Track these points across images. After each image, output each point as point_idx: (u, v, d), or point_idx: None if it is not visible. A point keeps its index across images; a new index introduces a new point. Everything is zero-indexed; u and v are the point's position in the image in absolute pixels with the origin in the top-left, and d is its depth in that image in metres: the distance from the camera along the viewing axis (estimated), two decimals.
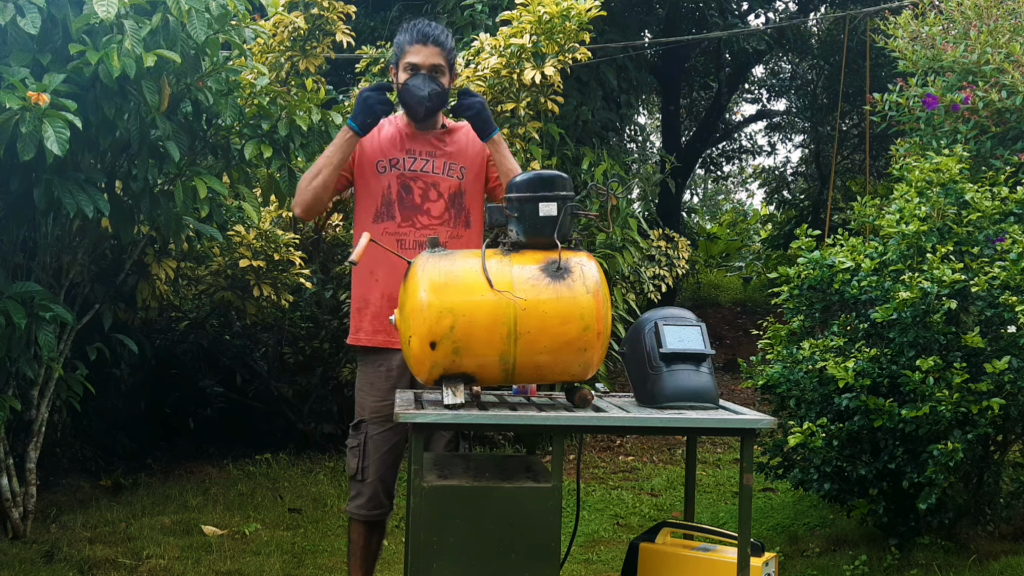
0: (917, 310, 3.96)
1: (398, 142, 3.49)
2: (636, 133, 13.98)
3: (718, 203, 22.32)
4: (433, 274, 2.77)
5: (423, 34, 3.42)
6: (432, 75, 3.42)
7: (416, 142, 3.49)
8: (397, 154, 3.47)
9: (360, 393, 3.51)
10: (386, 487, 3.50)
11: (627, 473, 6.63)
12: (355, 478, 3.49)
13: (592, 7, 5.82)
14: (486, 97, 5.90)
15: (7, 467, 4.72)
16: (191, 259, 5.98)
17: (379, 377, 3.46)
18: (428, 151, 3.48)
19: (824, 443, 4.09)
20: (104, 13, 3.63)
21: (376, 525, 3.54)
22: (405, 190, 3.44)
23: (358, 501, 3.50)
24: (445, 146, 3.50)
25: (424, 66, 3.41)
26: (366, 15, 9.59)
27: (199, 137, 4.69)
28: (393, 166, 3.46)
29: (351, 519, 3.55)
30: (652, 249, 7.95)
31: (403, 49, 3.45)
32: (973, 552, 4.31)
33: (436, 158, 3.48)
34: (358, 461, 3.46)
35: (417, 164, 3.46)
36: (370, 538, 3.54)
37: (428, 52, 3.41)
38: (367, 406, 3.47)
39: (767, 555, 3.04)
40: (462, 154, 3.51)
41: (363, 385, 3.50)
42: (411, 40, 3.42)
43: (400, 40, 3.47)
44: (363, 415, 3.48)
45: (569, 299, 2.74)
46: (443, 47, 3.44)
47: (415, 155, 3.47)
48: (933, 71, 5.06)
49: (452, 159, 3.49)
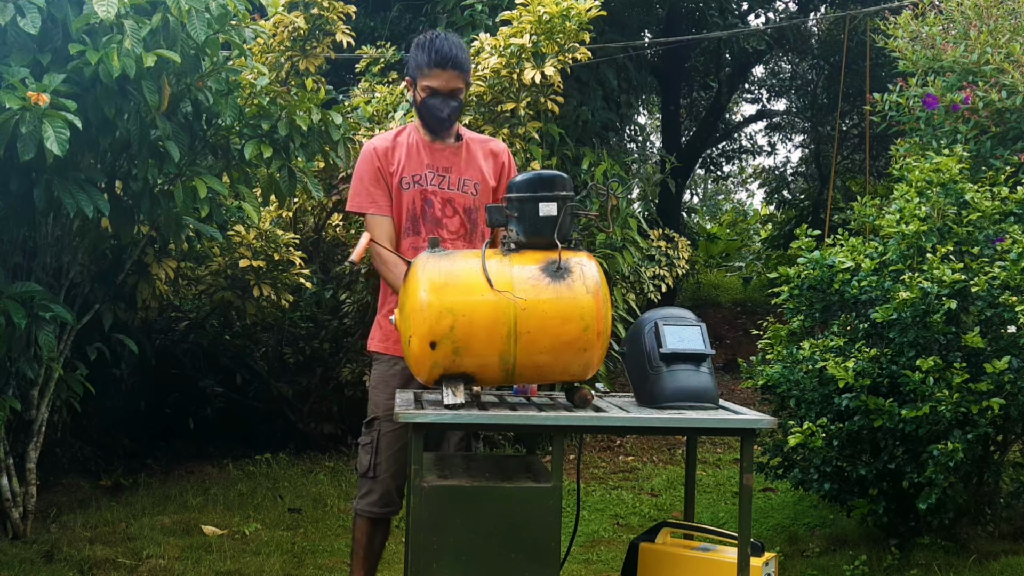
0: (917, 310, 3.96)
1: (417, 157, 3.49)
2: (636, 133, 13.99)
3: (718, 203, 22.33)
4: (433, 274, 2.77)
5: (443, 57, 3.38)
6: (451, 95, 3.43)
7: (434, 156, 3.50)
8: (419, 170, 3.48)
9: (374, 391, 3.52)
10: (398, 485, 3.49)
11: (627, 473, 6.63)
12: (366, 475, 3.48)
13: (592, 7, 5.82)
14: (486, 97, 5.91)
15: (7, 467, 4.72)
16: (191, 259, 5.98)
17: (394, 376, 3.46)
18: (445, 167, 3.50)
19: (824, 443, 4.09)
20: (104, 13, 3.63)
21: (381, 523, 3.53)
22: (428, 205, 3.46)
23: (369, 498, 3.48)
24: (460, 161, 3.51)
25: (444, 90, 3.41)
26: (366, 15, 9.59)
27: (199, 137, 4.69)
28: (416, 182, 3.47)
29: (356, 516, 3.53)
30: (652, 249, 7.95)
31: (421, 70, 3.42)
32: (973, 552, 4.31)
33: (451, 173, 3.49)
34: (371, 458, 3.46)
35: (436, 180, 3.48)
36: (374, 537, 3.53)
37: (448, 76, 3.41)
38: (380, 403, 3.46)
39: (767, 555, 3.04)
40: (475, 170, 3.52)
41: (377, 383, 3.51)
42: (430, 63, 3.40)
43: (418, 59, 3.43)
44: (376, 412, 3.48)
45: (569, 299, 2.74)
46: (462, 68, 3.43)
47: (434, 170, 3.48)
48: (933, 71, 5.06)
49: (465, 175, 3.50)
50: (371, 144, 3.55)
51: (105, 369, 5.69)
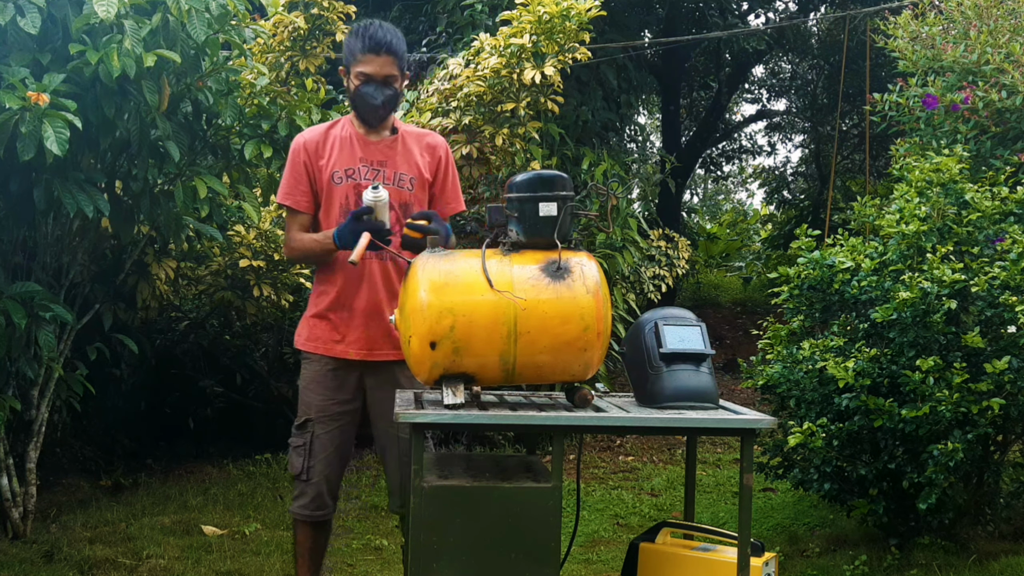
0: (917, 310, 3.96)
1: (350, 151, 3.42)
2: (636, 133, 13.99)
3: (718, 203, 22.32)
4: (433, 274, 2.77)
5: (376, 43, 3.33)
6: (385, 82, 3.37)
7: (368, 150, 3.42)
8: (352, 164, 3.41)
9: (306, 392, 3.47)
10: (331, 487, 3.46)
11: (627, 473, 6.63)
12: (300, 478, 3.43)
13: (592, 7, 5.82)
14: (486, 97, 5.91)
15: (7, 467, 4.72)
16: (191, 259, 5.98)
17: (326, 376, 3.43)
18: (379, 160, 3.42)
19: (824, 443, 4.09)
20: (104, 13, 3.63)
21: (321, 525, 3.50)
22: (362, 200, 3.34)
23: (302, 501, 3.44)
24: (396, 155, 3.44)
25: (378, 76, 3.35)
26: (366, 15, 9.56)
27: (199, 137, 4.69)
28: (349, 177, 3.40)
29: (295, 519, 3.50)
30: (652, 249, 7.96)
31: (355, 56, 3.37)
32: (973, 552, 4.31)
33: (386, 168, 3.42)
34: (303, 460, 3.41)
35: (370, 174, 3.40)
36: (316, 538, 3.50)
37: (382, 62, 3.35)
38: (314, 405, 3.43)
39: (767, 555, 3.04)
40: (410, 164, 3.45)
41: (309, 384, 3.47)
42: (363, 49, 3.34)
43: (352, 45, 3.39)
44: (309, 414, 3.43)
45: (569, 299, 2.74)
46: (396, 55, 3.37)
47: (368, 164, 3.41)
48: (933, 71, 5.06)
49: (401, 169, 3.43)
50: (301, 137, 3.49)
51: (105, 369, 5.69)
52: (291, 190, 3.44)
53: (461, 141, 5.77)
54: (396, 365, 3.36)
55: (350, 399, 3.46)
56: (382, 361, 3.41)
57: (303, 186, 3.43)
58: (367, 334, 3.40)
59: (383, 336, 3.39)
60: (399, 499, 3.45)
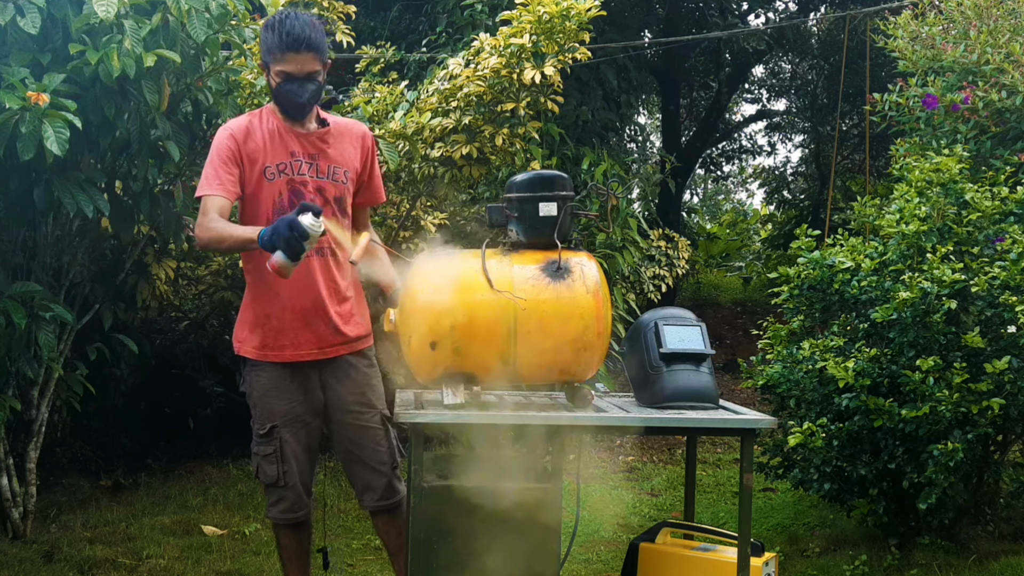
0: (917, 310, 3.96)
1: (281, 144, 3.28)
2: (636, 133, 13.98)
3: (718, 203, 22.31)
4: (433, 274, 2.77)
5: (295, 39, 3.16)
6: (308, 78, 3.23)
7: (297, 143, 3.29)
8: (283, 158, 3.28)
9: (266, 399, 3.37)
10: (306, 487, 3.45)
11: (627, 473, 6.63)
12: (275, 485, 3.38)
13: (592, 7, 5.82)
14: (486, 97, 5.91)
15: (7, 467, 4.72)
16: (191, 259, 5.97)
17: (285, 380, 3.36)
18: (311, 153, 3.30)
19: (824, 443, 4.09)
20: (104, 13, 3.63)
21: (303, 525, 3.49)
22: (296, 196, 3.25)
23: (282, 506, 3.41)
24: (327, 147, 3.33)
25: (299, 74, 3.20)
26: (366, 15, 9.59)
27: (199, 137, 4.69)
28: (282, 172, 3.27)
29: (275, 525, 3.48)
30: (652, 249, 7.95)
31: (273, 54, 3.20)
32: (973, 552, 4.31)
33: (318, 160, 3.31)
34: (277, 467, 3.35)
35: (303, 168, 3.29)
36: (300, 539, 3.49)
37: (302, 59, 3.19)
38: (278, 411, 3.35)
39: (767, 555, 3.04)
40: (344, 157, 3.35)
41: (268, 391, 3.37)
42: (282, 46, 3.17)
43: (270, 42, 3.21)
44: (274, 420, 3.36)
45: (569, 299, 2.74)
46: (316, 49, 3.21)
47: (299, 157, 3.29)
48: (933, 71, 5.07)
49: (334, 163, 3.33)
50: (227, 128, 3.30)
51: (105, 369, 5.69)
52: (221, 179, 3.21)
53: (461, 141, 5.76)
54: (348, 357, 3.34)
55: (314, 398, 3.39)
56: (334, 357, 3.36)
57: (232, 176, 3.22)
58: (316, 334, 3.32)
59: (331, 332, 3.32)
60: (375, 493, 3.39)
